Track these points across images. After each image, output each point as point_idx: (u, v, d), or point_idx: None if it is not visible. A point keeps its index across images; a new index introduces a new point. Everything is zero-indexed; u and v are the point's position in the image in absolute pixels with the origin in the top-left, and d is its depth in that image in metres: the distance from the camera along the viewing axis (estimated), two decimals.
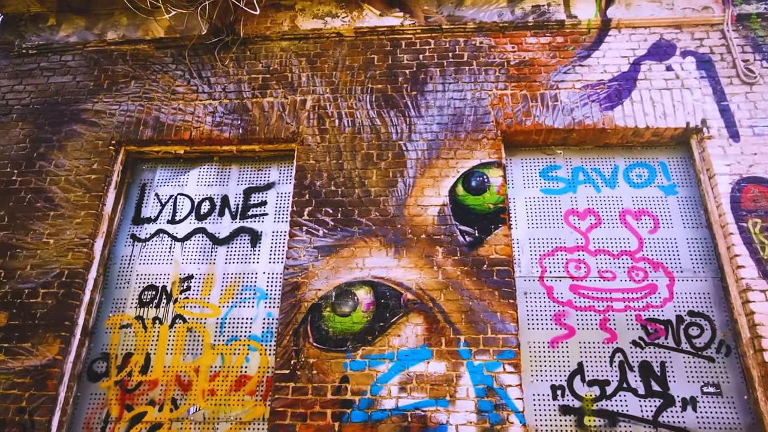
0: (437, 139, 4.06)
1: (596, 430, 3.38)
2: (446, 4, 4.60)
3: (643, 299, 3.70)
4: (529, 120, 4.09)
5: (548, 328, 3.65)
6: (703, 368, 3.51)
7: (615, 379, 3.50)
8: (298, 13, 4.70)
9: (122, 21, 4.80)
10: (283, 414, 3.33)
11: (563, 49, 4.37)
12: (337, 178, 4.00)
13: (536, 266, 3.82)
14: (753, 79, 4.11)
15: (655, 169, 4.12)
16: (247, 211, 4.20)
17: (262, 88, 4.41)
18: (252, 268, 3.99)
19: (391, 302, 3.59)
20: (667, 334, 3.61)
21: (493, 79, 4.27)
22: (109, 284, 4.04)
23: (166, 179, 4.39)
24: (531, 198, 4.06)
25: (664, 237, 3.88)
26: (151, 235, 4.19)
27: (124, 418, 3.62)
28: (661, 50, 4.31)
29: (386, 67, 4.40)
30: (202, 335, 3.80)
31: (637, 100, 4.11)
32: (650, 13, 4.43)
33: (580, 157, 4.19)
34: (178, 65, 4.58)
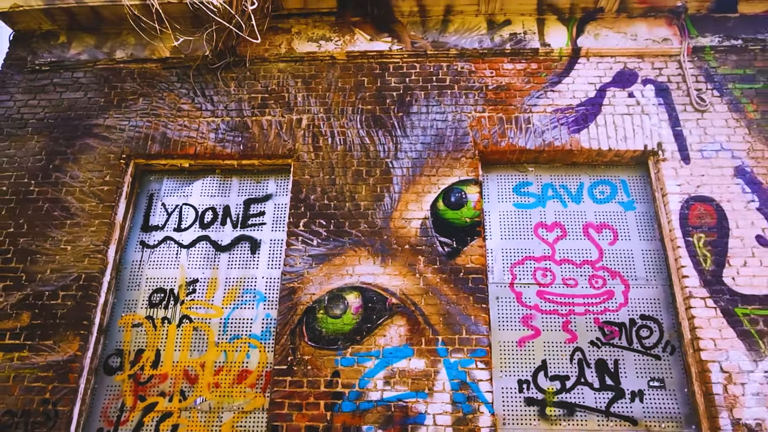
0: (421, 158, 4.51)
1: (556, 419, 3.88)
2: (431, 31, 5.03)
3: (601, 304, 4.20)
4: (504, 141, 4.55)
5: (516, 329, 4.14)
6: (651, 365, 4.02)
7: (574, 375, 4.00)
8: (295, 36, 5.11)
9: (130, 41, 5.18)
10: (281, 404, 3.79)
11: (537, 75, 4.82)
12: (329, 192, 4.44)
13: (507, 274, 4.30)
14: (704, 107, 4.60)
15: (616, 186, 4.60)
16: (247, 221, 4.63)
17: (261, 107, 4.82)
18: (252, 273, 4.43)
19: (377, 306, 4.05)
20: (621, 335, 4.11)
21: (473, 102, 4.72)
22: (121, 287, 4.46)
23: (172, 190, 4.80)
24: (504, 212, 4.53)
25: (622, 248, 4.38)
26: (158, 241, 4.60)
27: (138, 407, 4.06)
28: (624, 78, 4.78)
29: (375, 89, 4.83)
30: (207, 334, 4.24)
31: (602, 124, 4.59)
32: (616, 44, 4.90)
33: (549, 174, 4.66)
34: (183, 84, 4.97)
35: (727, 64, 4.77)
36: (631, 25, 4.97)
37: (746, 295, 3.96)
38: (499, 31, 5.00)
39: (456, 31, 5.02)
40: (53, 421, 3.85)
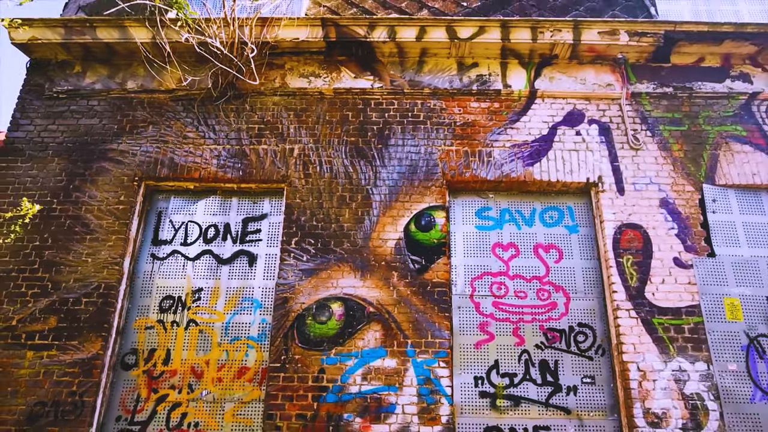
0: (396, 186, 5.27)
1: (504, 409, 4.71)
2: (408, 70, 5.78)
3: (545, 313, 5.03)
4: (468, 172, 5.33)
5: (474, 334, 4.95)
6: (585, 365, 4.87)
7: (521, 373, 4.83)
8: (288, 72, 5.81)
9: (140, 72, 5.82)
10: (276, 396, 4.56)
11: (498, 114, 5.61)
12: (317, 215, 5.18)
13: (468, 287, 5.11)
14: (638, 145, 5.44)
15: (563, 212, 5.42)
16: (245, 237, 5.35)
17: (257, 137, 5.53)
18: (250, 283, 5.16)
19: (357, 313, 4.82)
20: (561, 340, 4.95)
21: (443, 136, 5.49)
22: (135, 294, 5.16)
23: (179, 208, 5.49)
24: (467, 233, 5.32)
25: (566, 266, 5.21)
26: (167, 254, 5.30)
27: (151, 398, 4.79)
28: (573, 118, 5.59)
29: (358, 123, 5.56)
30: (211, 335, 4.98)
31: (552, 158, 5.40)
32: (568, 87, 5.70)
33: (507, 201, 5.46)
34: (189, 114, 5.64)
35: (659, 109, 5.62)
36: (581, 71, 5.77)
37: (662, 307, 4.82)
38: (467, 72, 5.77)
39: (430, 71, 5.77)
40: (80, 410, 4.56)
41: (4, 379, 4.66)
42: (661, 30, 5.54)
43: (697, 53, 5.72)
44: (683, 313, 4.79)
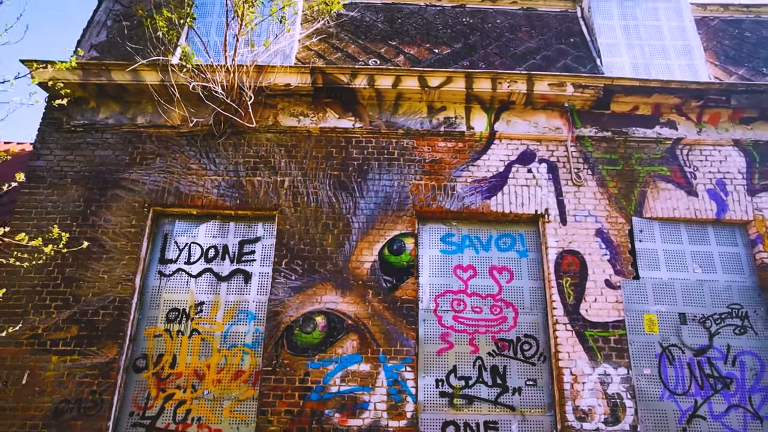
0: (373, 215, 6.18)
1: (460, 407, 5.64)
2: (385, 112, 6.68)
3: (497, 326, 5.97)
4: (435, 204, 6.26)
5: (436, 343, 5.87)
6: (529, 370, 5.83)
7: (475, 376, 5.77)
8: (280, 111, 6.67)
9: (149, 109, 6.63)
10: (267, 395, 5.43)
11: (462, 152, 6.54)
12: (305, 239, 6.06)
13: (432, 303, 6.03)
14: (580, 182, 6.42)
15: (516, 238, 6.38)
16: (242, 257, 6.21)
17: (253, 169, 6.39)
18: (245, 298, 6.02)
19: (337, 325, 5.71)
20: (510, 349, 5.90)
21: (413, 172, 6.40)
22: (145, 307, 5.98)
23: (182, 231, 6.32)
24: (433, 256, 6.25)
25: (516, 285, 6.16)
26: (173, 272, 6.13)
27: (160, 397, 5.62)
28: (526, 157, 6.55)
29: (341, 159, 6.45)
30: (212, 343, 5.83)
31: (507, 192, 6.35)
32: (522, 129, 6.66)
33: (467, 228, 6.40)
34: (192, 147, 6.47)
35: (599, 150, 6.61)
36: (534, 115, 6.74)
37: (593, 321, 5.81)
38: (436, 115, 6.70)
39: (404, 113, 6.68)
40: (99, 407, 5.38)
41: (32, 380, 5.45)
42: (601, 84, 6.53)
43: (632, 103, 6.73)
44: (610, 327, 5.78)
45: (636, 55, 7.40)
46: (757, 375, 5.78)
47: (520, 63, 7.37)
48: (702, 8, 8.16)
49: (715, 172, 6.56)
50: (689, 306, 6.03)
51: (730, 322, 5.98)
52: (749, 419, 5.58)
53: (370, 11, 7.99)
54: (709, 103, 6.64)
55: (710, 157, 6.64)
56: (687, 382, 5.71)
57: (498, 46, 7.60)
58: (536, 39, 7.72)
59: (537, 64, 7.35)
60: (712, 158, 6.64)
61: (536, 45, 7.63)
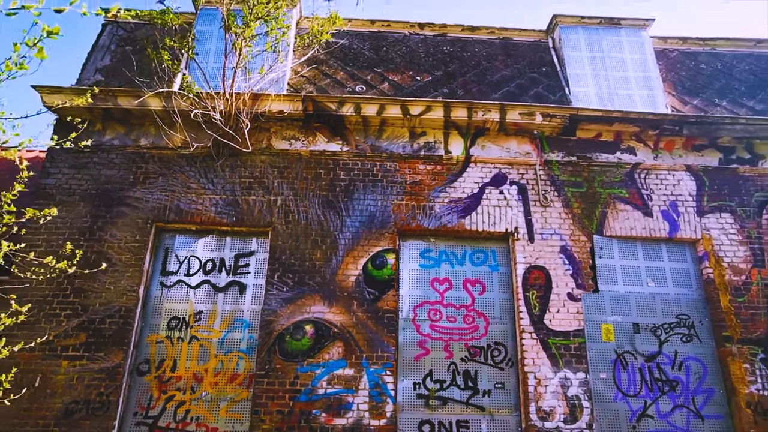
0: (358, 232, 6.79)
1: (435, 407, 6.26)
2: (370, 137, 7.30)
3: (470, 334, 6.61)
4: (414, 222, 6.88)
5: (414, 349, 6.50)
6: (498, 374, 6.47)
7: (449, 380, 6.40)
8: (273, 135, 7.26)
9: (151, 131, 7.18)
10: (260, 396, 6.01)
11: (440, 175, 7.18)
12: (295, 254, 6.65)
13: (411, 313, 6.65)
14: (547, 203, 7.08)
15: (488, 254, 7.02)
16: (237, 270, 6.78)
17: (248, 189, 6.97)
18: (240, 307, 6.60)
19: (325, 333, 6.31)
20: (481, 355, 6.53)
21: (395, 193, 7.03)
22: (148, 315, 6.53)
23: (182, 245, 6.88)
24: (412, 270, 6.87)
25: (488, 297, 6.80)
26: (173, 283, 6.69)
27: (161, 398, 6.18)
28: (498, 179, 7.20)
29: (329, 180, 7.06)
30: (209, 349, 6.39)
31: (480, 212, 7.00)
32: (495, 154, 7.31)
33: (444, 245, 7.03)
34: (192, 168, 7.04)
35: (565, 173, 7.28)
36: (506, 141, 7.39)
37: (556, 331, 6.46)
38: (417, 139, 7.33)
39: (388, 138, 7.30)
40: (106, 407, 5.92)
41: (44, 383, 5.98)
42: (567, 113, 7.20)
43: (596, 130, 7.41)
44: (571, 336, 6.45)
45: (601, 84, 8.09)
46: (700, 378, 6.48)
47: (495, 90, 8.03)
48: (663, 41, 8.89)
49: (668, 195, 7.26)
50: (642, 316, 6.71)
51: (678, 331, 6.68)
52: (692, 418, 6.27)
53: (357, 39, 8.61)
54: (664, 131, 7.35)
55: (665, 181, 7.35)
56: (638, 385, 6.39)
57: (476, 73, 8.25)
58: (511, 67, 8.39)
59: (511, 92, 8.02)
60: (666, 182, 7.34)
61: (511, 73, 8.30)
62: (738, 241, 7.02)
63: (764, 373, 6.35)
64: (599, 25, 8.56)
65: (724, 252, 6.95)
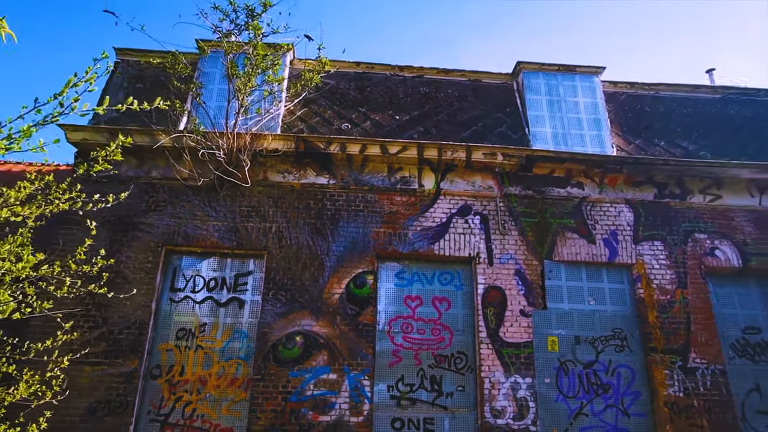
0: (342, 256, 7.95)
1: (405, 406, 7.45)
2: (354, 171, 8.46)
3: (437, 344, 7.81)
4: (391, 247, 8.07)
5: (389, 357, 7.68)
6: (459, 379, 7.68)
7: (418, 383, 7.59)
8: (269, 168, 8.38)
9: (161, 163, 8.26)
10: (257, 398, 7.14)
11: (414, 206, 8.37)
12: (288, 275, 7.79)
13: (386, 326, 7.83)
14: (506, 232, 8.31)
15: (454, 275, 8.23)
16: (237, 288, 7.91)
17: (246, 217, 8.09)
18: (240, 320, 7.72)
19: (313, 343, 7.47)
20: (446, 362, 7.74)
21: (375, 221, 8.20)
22: (159, 327, 7.63)
23: (189, 265, 7.98)
24: (388, 288, 8.06)
25: (452, 313, 8.01)
26: (181, 299, 7.79)
27: (171, 399, 7.28)
28: (464, 210, 8.41)
29: (317, 210, 8.21)
30: (212, 356, 7.51)
31: (448, 239, 8.20)
32: (462, 188, 8.52)
33: (416, 267, 8.23)
34: (197, 197, 8.14)
35: (522, 205, 8.52)
36: (472, 176, 8.61)
37: (509, 342, 7.69)
38: (395, 174, 8.51)
39: (369, 172, 8.47)
40: (125, 406, 7.01)
41: (71, 386, 7.03)
42: (524, 154, 8.44)
43: (550, 167, 8.66)
44: (521, 346, 7.68)
45: (557, 125, 9.35)
46: (629, 382, 7.76)
47: (465, 129, 9.25)
48: (613, 85, 10.18)
49: (610, 225, 8.54)
50: (583, 330, 7.99)
51: (612, 343, 7.96)
52: (620, 415, 7.56)
53: (344, 80, 9.77)
54: (608, 170, 8.62)
55: (607, 213, 8.63)
56: (576, 389, 7.66)
57: (448, 113, 9.46)
58: (479, 108, 9.62)
59: (479, 131, 9.24)
60: (608, 213, 8.62)
61: (479, 113, 9.53)
62: (666, 266, 8.33)
63: (681, 378, 7.66)
64: (557, 71, 9.82)
65: (654, 275, 8.25)
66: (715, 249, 8.52)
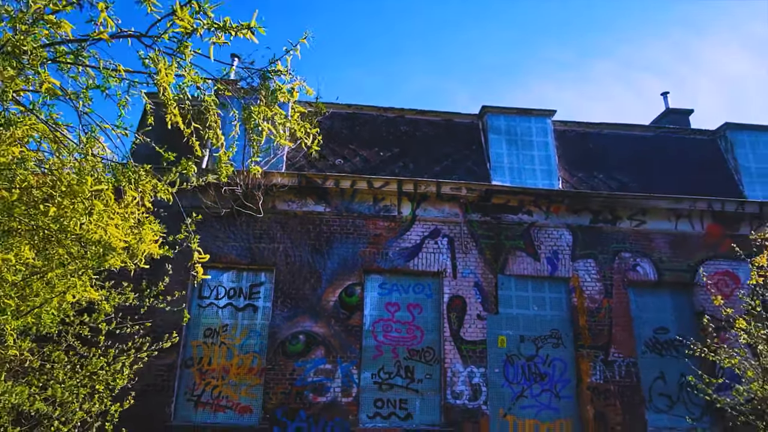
0: (335, 271, 10.19)
1: (385, 389, 9.76)
2: (345, 201, 10.67)
3: (410, 341, 10.10)
4: (375, 264, 10.32)
5: (373, 351, 9.97)
6: (428, 368, 9.99)
7: (395, 372, 9.90)
8: (276, 198, 10.58)
9: (188, 194, 10.43)
10: (269, 383, 9.43)
11: (394, 230, 10.61)
12: (292, 286, 10.04)
13: (371, 327, 10.12)
14: (467, 251, 10.58)
15: (425, 286, 10.51)
16: (251, 296, 10.15)
17: (258, 239, 10.30)
18: (255, 322, 9.97)
19: (313, 341, 9.74)
20: (417, 356, 10.04)
21: (362, 242, 10.44)
22: (191, 327, 9.86)
23: (213, 278, 10.20)
24: (373, 296, 10.32)
25: (424, 316, 10.30)
26: (207, 305, 10.02)
27: (201, 383, 9.55)
28: (435, 233, 10.67)
29: (316, 233, 10.43)
30: (233, 350, 9.77)
31: (421, 258, 10.47)
32: (433, 215, 10.77)
33: (395, 279, 10.49)
34: (219, 223, 10.33)
35: (481, 229, 10.78)
36: (442, 205, 10.85)
37: (467, 340, 10.00)
38: (378, 203, 10.73)
39: (358, 201, 10.69)
40: (168, 389, 9.28)
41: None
42: (484, 188, 10.69)
43: (505, 198, 10.91)
44: (477, 343, 10.00)
45: (513, 161, 11.59)
46: (561, 372, 10.12)
47: (438, 164, 11.46)
48: (564, 124, 12.41)
49: (552, 246, 10.83)
50: (527, 331, 10.31)
51: (550, 341, 10.29)
52: (552, 397, 9.92)
53: (337, 119, 11.94)
54: (552, 200, 10.89)
55: (551, 236, 10.91)
56: (519, 377, 10.00)
57: (424, 150, 11.67)
58: (451, 145, 11.83)
59: (449, 166, 11.46)
60: (552, 236, 10.91)
61: (450, 150, 11.74)
62: (596, 279, 10.65)
63: (602, 368, 10.02)
64: (516, 114, 12.03)
65: (586, 287, 10.57)
66: (637, 265, 10.85)
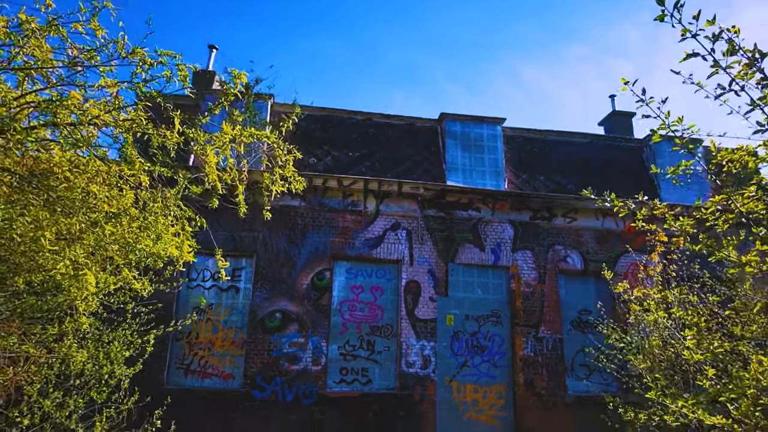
0: (308, 258, 11.97)
1: (349, 360, 11.67)
2: (318, 196, 12.40)
3: (372, 319, 12.01)
4: (343, 252, 12.13)
5: (339, 327, 11.84)
6: (386, 342, 11.92)
7: (358, 345, 11.80)
8: (257, 194, 12.23)
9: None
10: (250, 354, 11.22)
11: (360, 222, 12.41)
12: (270, 270, 11.78)
13: (338, 306, 11.97)
14: (423, 242, 12.48)
15: (386, 272, 12.38)
16: (234, 278, 11.85)
17: (241, 229, 11.97)
18: (237, 301, 11.70)
19: (288, 318, 11.55)
20: (378, 332, 11.96)
21: (332, 233, 12.21)
22: (180, 306, 11.53)
23: (200, 263, 11.84)
24: (341, 280, 12.16)
25: (384, 298, 12.20)
26: (194, 286, 11.69)
27: (190, 354, 11.27)
28: (396, 226, 12.52)
29: (291, 224, 12.15)
30: (218, 326, 11.50)
31: (383, 247, 12.32)
32: (395, 210, 12.60)
33: (361, 265, 12.33)
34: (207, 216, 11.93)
35: (436, 223, 12.68)
36: (402, 201, 12.68)
37: (421, 318, 11.96)
38: (347, 199, 12.49)
39: (329, 197, 12.42)
40: (162, 359, 10.97)
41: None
42: (439, 188, 12.55)
43: (457, 197, 12.80)
44: (428, 321, 11.97)
45: (466, 163, 13.47)
46: (499, 345, 12.20)
47: (400, 165, 13.25)
48: (513, 130, 14.32)
49: (496, 238, 12.82)
50: (471, 311, 12.33)
51: (491, 319, 12.34)
52: (491, 367, 12.01)
53: (311, 121, 13.57)
54: (497, 199, 12.84)
55: (496, 230, 12.89)
56: (463, 349, 12.04)
57: (389, 151, 13.44)
58: (412, 147, 13.62)
59: (410, 166, 13.27)
60: (496, 230, 12.89)
61: (412, 152, 13.54)
62: (532, 268, 12.72)
63: (533, 343, 12.14)
64: (470, 120, 13.87)
65: (523, 274, 12.63)
66: (567, 257, 12.95)
